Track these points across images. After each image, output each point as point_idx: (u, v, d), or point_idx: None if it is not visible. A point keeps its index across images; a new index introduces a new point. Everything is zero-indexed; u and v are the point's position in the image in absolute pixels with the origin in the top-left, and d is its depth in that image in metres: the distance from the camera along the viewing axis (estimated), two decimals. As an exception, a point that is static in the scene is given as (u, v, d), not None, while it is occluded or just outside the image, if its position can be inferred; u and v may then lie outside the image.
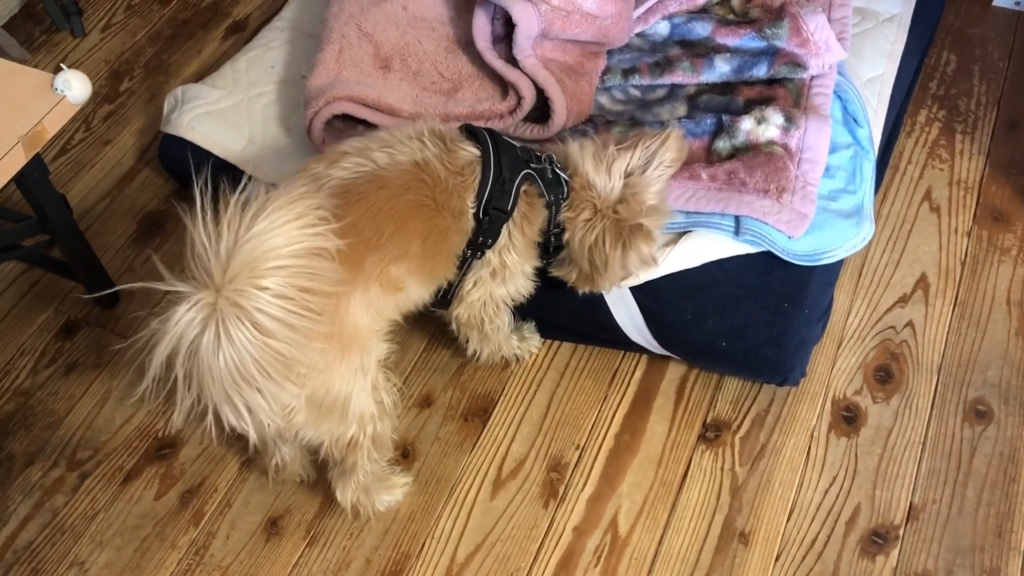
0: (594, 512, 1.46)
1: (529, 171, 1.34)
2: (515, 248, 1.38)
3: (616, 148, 1.38)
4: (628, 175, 1.37)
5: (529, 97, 1.65)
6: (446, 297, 1.42)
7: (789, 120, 1.65)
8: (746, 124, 1.65)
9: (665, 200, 1.44)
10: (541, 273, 1.48)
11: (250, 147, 1.75)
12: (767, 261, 1.57)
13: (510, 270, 1.40)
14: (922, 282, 1.71)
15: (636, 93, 1.78)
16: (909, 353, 1.62)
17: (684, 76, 1.76)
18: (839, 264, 1.62)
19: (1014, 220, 1.79)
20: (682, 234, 1.61)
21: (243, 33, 2.14)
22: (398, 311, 1.32)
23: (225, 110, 1.79)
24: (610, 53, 1.80)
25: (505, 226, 1.35)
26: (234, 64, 1.88)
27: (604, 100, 1.77)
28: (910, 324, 1.65)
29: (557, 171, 1.37)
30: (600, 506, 1.47)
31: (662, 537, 1.44)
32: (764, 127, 1.65)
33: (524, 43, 1.62)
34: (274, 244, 1.01)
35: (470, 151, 1.32)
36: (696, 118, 1.70)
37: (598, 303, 1.56)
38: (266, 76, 1.85)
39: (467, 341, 1.51)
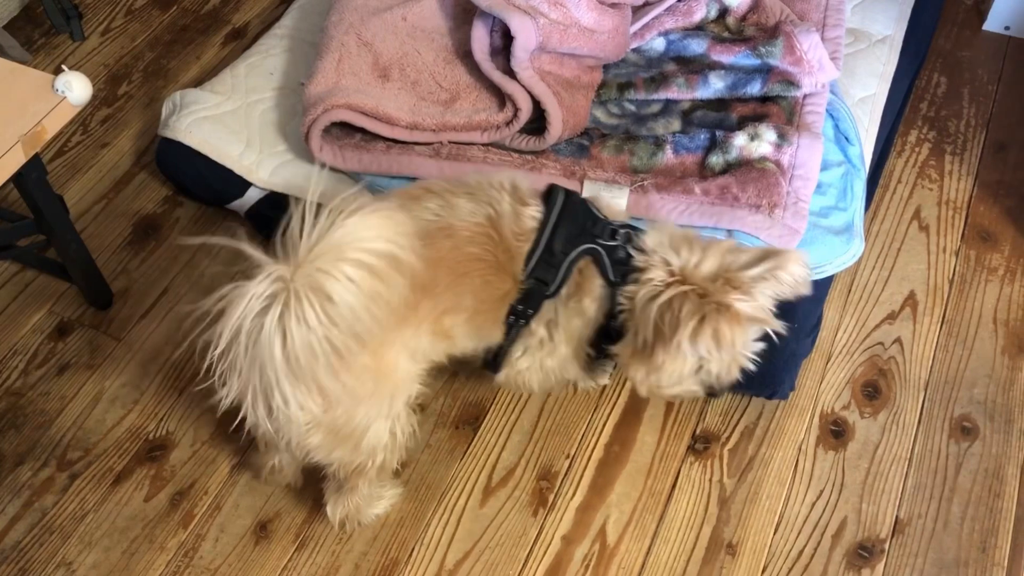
0: (583, 521, 1.47)
1: (593, 246, 1.25)
2: (561, 324, 1.30)
3: (722, 243, 1.26)
4: (729, 269, 1.22)
5: (526, 109, 1.67)
6: (496, 359, 1.36)
7: (782, 137, 1.67)
8: (739, 140, 1.68)
9: (767, 312, 1.24)
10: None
11: (248, 152, 1.76)
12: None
13: (556, 345, 1.33)
14: (910, 300, 1.73)
15: (631, 107, 1.80)
16: (897, 369, 1.64)
17: (679, 92, 1.78)
18: (829, 280, 1.64)
19: (1001, 240, 1.81)
20: (674, 247, 1.63)
21: (242, 40, 2.15)
22: (443, 356, 1.31)
23: (223, 115, 1.80)
24: (606, 68, 1.83)
25: (553, 300, 1.28)
26: (233, 70, 1.89)
27: (599, 114, 1.79)
28: (898, 341, 1.67)
29: (631, 250, 1.25)
30: (589, 515, 1.48)
31: (650, 547, 1.45)
32: (757, 143, 1.67)
33: (522, 55, 1.64)
34: (362, 236, 1.03)
35: (534, 215, 1.26)
36: (690, 133, 1.73)
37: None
38: (265, 82, 1.87)
39: None
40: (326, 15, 1.84)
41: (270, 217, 1.73)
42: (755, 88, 1.76)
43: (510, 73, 1.67)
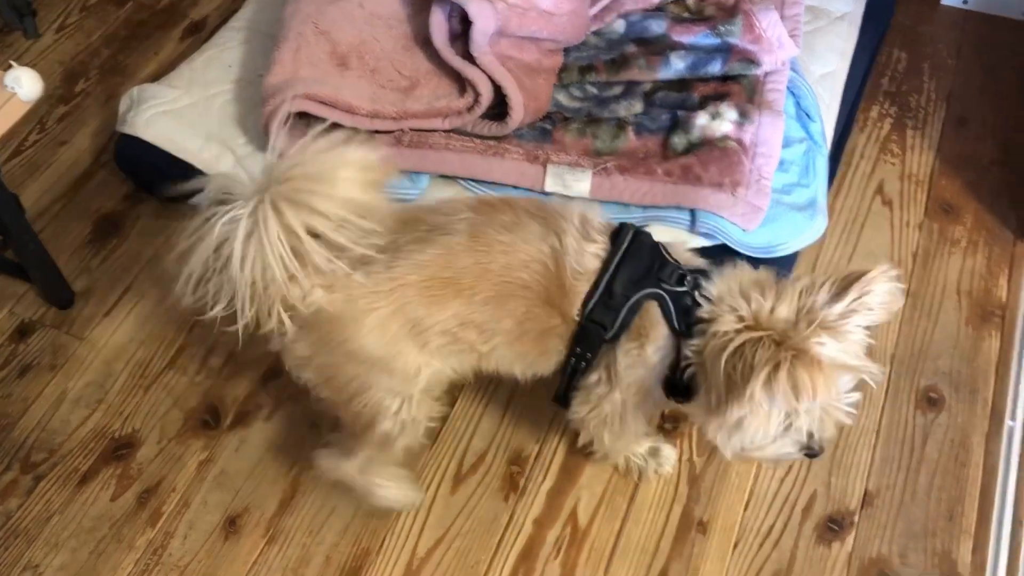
0: (554, 504, 1.47)
1: (657, 291, 1.17)
2: (620, 370, 1.21)
3: (797, 279, 1.13)
4: (810, 310, 1.08)
5: (486, 94, 1.66)
6: (565, 396, 1.29)
7: (743, 115, 1.67)
8: (701, 119, 1.68)
9: (858, 356, 1.10)
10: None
11: (207, 146, 1.74)
12: (722, 254, 1.59)
13: (613, 391, 1.25)
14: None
15: (593, 90, 1.80)
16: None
17: (640, 73, 1.77)
18: (793, 257, 1.65)
19: (963, 213, 1.83)
20: (639, 228, 1.63)
21: (201, 34, 2.13)
22: (466, 366, 1.28)
23: (182, 110, 1.78)
24: (567, 51, 1.82)
25: (615, 346, 1.20)
26: (191, 64, 1.87)
27: (561, 97, 1.78)
28: (863, 315, 1.68)
29: (699, 298, 1.15)
30: (560, 498, 1.48)
31: (621, 528, 1.45)
32: (719, 122, 1.67)
33: (481, 40, 1.63)
34: (341, 164, 1.07)
35: (598, 253, 1.19)
36: (652, 114, 1.72)
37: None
38: (223, 75, 1.85)
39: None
40: (282, 5, 1.82)
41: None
42: (716, 67, 1.76)
43: (470, 59, 1.66)
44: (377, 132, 1.67)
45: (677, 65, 1.77)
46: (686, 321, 1.15)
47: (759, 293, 1.11)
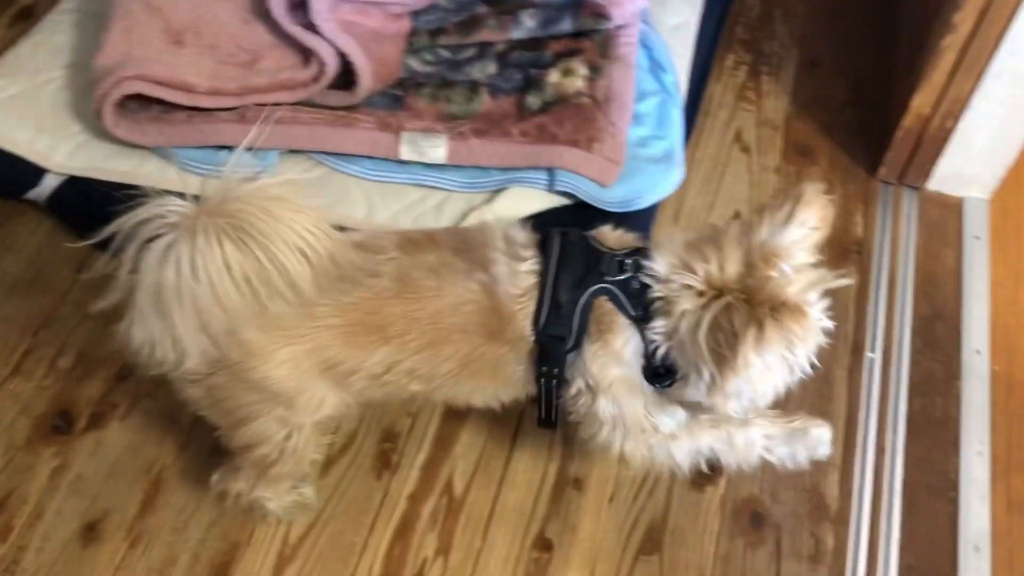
0: (429, 477, 1.45)
1: (603, 286, 1.13)
2: (595, 373, 1.15)
3: (729, 224, 1.11)
4: (759, 250, 1.05)
5: (332, 63, 1.60)
6: (548, 417, 1.22)
7: (594, 70, 1.66)
8: (553, 77, 1.66)
9: (819, 275, 1.06)
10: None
11: (40, 137, 1.65)
12: (582, 211, 1.58)
13: (596, 395, 1.17)
14: (736, 220, 1.75)
15: (446, 54, 1.76)
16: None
17: (492, 34, 1.74)
18: (654, 209, 1.65)
19: (818, 154, 1.86)
20: (497, 192, 1.61)
21: (32, 20, 1.99)
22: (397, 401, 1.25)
23: (8, 100, 1.68)
24: (416, 14, 1.77)
25: (576, 353, 1.15)
26: (16, 51, 1.76)
27: (413, 63, 1.74)
28: (727, 261, 1.70)
29: (645, 280, 1.11)
30: (434, 471, 1.45)
31: (498, 493, 1.43)
32: (571, 79, 1.66)
33: (320, 7, 1.57)
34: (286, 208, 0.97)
35: (532, 270, 1.14)
36: (506, 75, 1.70)
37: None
38: (53, 61, 1.74)
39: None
40: (111, -17, 1.72)
41: (76, 205, 1.63)
42: (567, 24, 1.74)
43: (311, 27, 1.61)
44: (220, 110, 1.60)
45: (528, 23, 1.74)
46: (641, 305, 1.11)
47: (700, 257, 1.07)
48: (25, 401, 1.49)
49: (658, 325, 1.09)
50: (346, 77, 1.63)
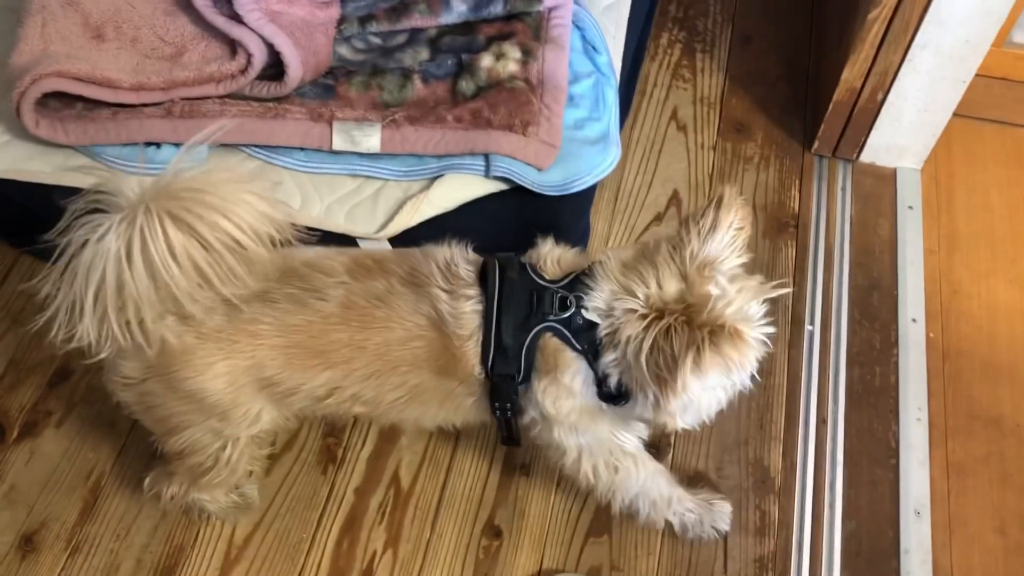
0: (375, 469, 1.44)
1: (547, 325, 1.11)
2: (549, 409, 1.15)
3: (659, 241, 1.10)
4: (691, 261, 1.06)
5: (259, 54, 1.56)
6: (510, 437, 1.22)
7: (527, 53, 1.65)
8: (485, 62, 1.64)
9: (756, 288, 1.08)
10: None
11: (-44, 140, 1.59)
12: (520, 196, 1.57)
13: (551, 425, 1.18)
14: (675, 199, 1.77)
15: (377, 40, 1.73)
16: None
17: (422, 19, 1.72)
18: (592, 191, 1.65)
19: (754, 130, 1.88)
20: (433, 180, 1.59)
21: (-53, 16, 1.92)
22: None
23: (-78, 102, 1.61)
24: (345, 1, 1.74)
25: (530, 386, 1.15)
26: (-71, 50, 1.69)
27: (344, 51, 1.71)
28: (666, 240, 1.71)
29: (590, 317, 1.10)
30: (381, 463, 1.45)
31: (445, 481, 1.43)
32: (503, 63, 1.64)
33: (244, -3, 1.53)
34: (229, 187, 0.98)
35: (474, 308, 1.12)
36: (438, 61, 1.68)
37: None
38: (-32, 60, 1.68)
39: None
40: (25, -23, 1.66)
41: (-1, 207, 1.58)
42: (498, 7, 1.72)
43: (236, 18, 1.57)
44: (145, 105, 1.56)
45: (459, 7, 1.72)
46: (587, 340, 1.10)
47: (639, 278, 1.07)
48: (-47, 414, 1.45)
49: (608, 358, 1.09)
50: (275, 68, 1.60)
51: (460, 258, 1.17)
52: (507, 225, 1.57)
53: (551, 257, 1.18)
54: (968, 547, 1.42)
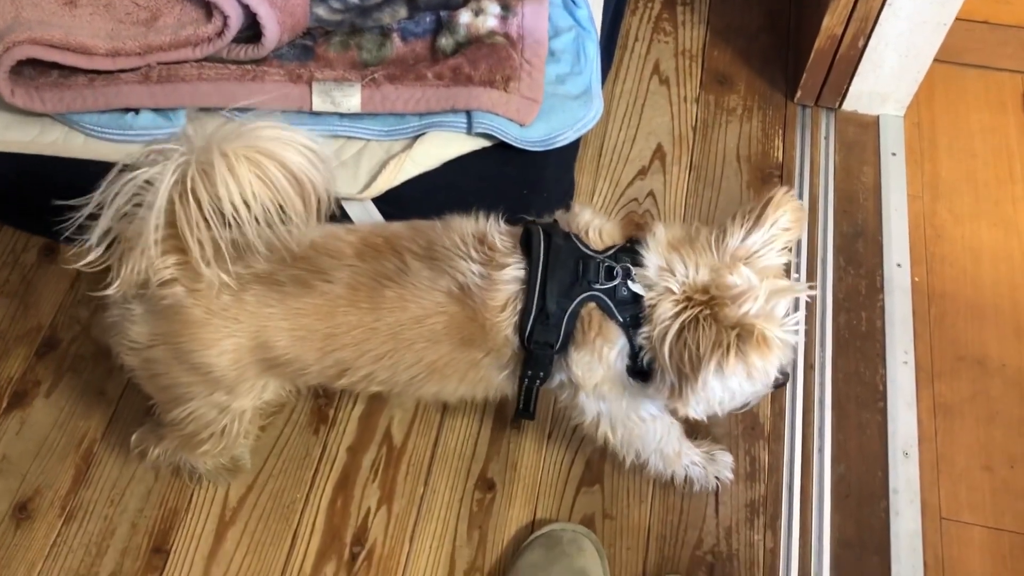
0: (367, 428, 1.44)
1: (592, 294, 1.10)
2: (581, 376, 1.14)
3: (707, 228, 1.10)
4: (722, 251, 1.06)
5: (235, 16, 1.54)
6: (527, 409, 1.20)
7: (506, 8, 1.63)
8: (464, 17, 1.63)
9: (787, 286, 1.07)
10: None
11: (-68, 112, 1.57)
12: (503, 152, 1.56)
13: (577, 390, 1.17)
14: (659, 152, 1.76)
15: (354, 0, 1.72)
16: (652, 220, 1.67)
17: (400, -23, 1.71)
18: (575, 146, 1.64)
19: (736, 81, 1.87)
20: (416, 138, 1.58)
21: (-84, -11, 1.89)
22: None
23: None
24: (320, -38, 1.72)
25: (566, 355, 1.13)
26: (-100, 22, 1.66)
27: (321, 11, 1.69)
28: (651, 194, 1.71)
29: (635, 289, 1.09)
30: (372, 421, 1.45)
31: (437, 438, 1.44)
32: (482, 18, 1.63)
33: (217, -43, 1.52)
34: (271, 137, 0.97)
35: (516, 277, 1.10)
36: (416, 18, 1.66)
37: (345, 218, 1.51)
38: (-60, 31, 1.65)
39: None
40: (-6, -56, 1.63)
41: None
42: (476, -38, 1.70)
43: (211, -20, 1.55)
44: (122, 71, 1.54)
45: (436, -36, 1.70)
46: (630, 312, 1.09)
47: (680, 260, 1.07)
48: (-58, 385, 1.45)
49: (644, 331, 1.09)
50: (252, 30, 1.58)
51: (493, 230, 1.15)
52: (491, 182, 1.56)
53: (593, 227, 1.16)
54: (955, 485, 1.44)
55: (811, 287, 1.11)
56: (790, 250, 1.10)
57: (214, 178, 0.95)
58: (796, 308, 1.10)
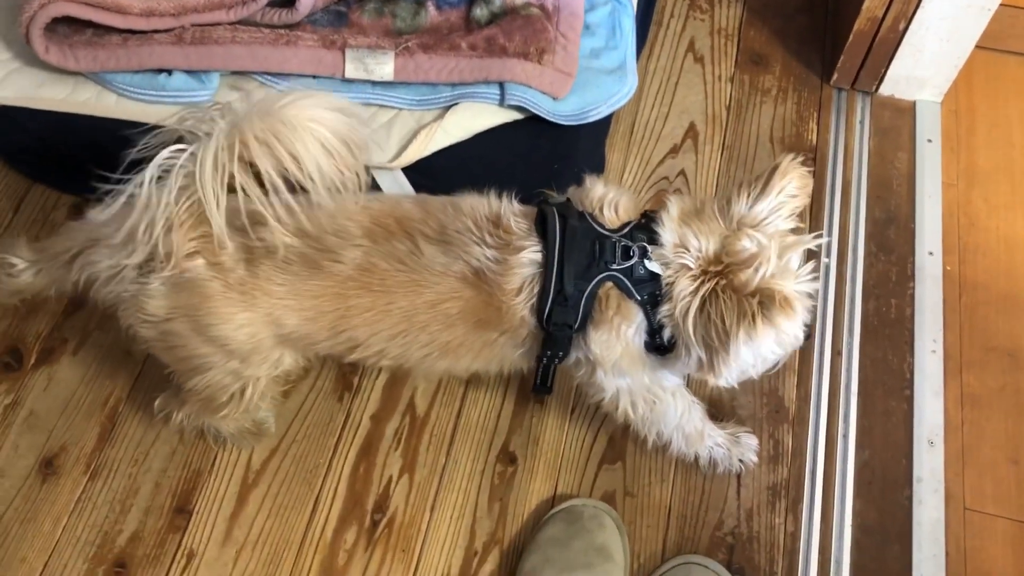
0: (391, 397, 1.44)
1: (609, 274, 1.10)
2: (600, 354, 1.14)
3: (704, 199, 1.11)
4: (730, 220, 1.07)
5: (270, -21, 1.54)
6: (544, 384, 1.21)
7: (542, -21, 1.62)
8: (500, -12, 1.61)
9: (796, 240, 1.07)
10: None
11: (-34, 67, 1.57)
12: (535, 125, 1.55)
13: (595, 367, 1.17)
14: (691, 131, 1.74)
15: (389, -33, 1.70)
16: (666, 194, 1.65)
17: (435, -55, 1.69)
18: (607, 122, 1.63)
19: (772, 62, 1.85)
20: (447, 108, 1.57)
21: (-49, -56, 1.89)
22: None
23: (-70, 28, 1.59)
24: (357, -73, 1.71)
25: (584, 334, 1.13)
26: (-65, -24, 1.67)
27: (356, -22, 1.68)
28: (682, 172, 1.69)
29: (652, 268, 1.09)
30: (396, 391, 1.45)
31: (460, 410, 1.44)
32: (518, -11, 1.61)
33: (254, -81, 1.50)
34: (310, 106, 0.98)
35: (530, 259, 1.09)
36: (451, -13, 1.65)
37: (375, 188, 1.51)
38: (-24, -14, 1.65)
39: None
40: (31, -101, 1.63)
41: (10, 136, 1.57)
42: (513, -67, 1.68)
43: (246, -58, 1.54)
44: (155, 32, 1.54)
45: (473, -67, 1.68)
46: (648, 290, 1.09)
47: (692, 233, 1.07)
48: (-32, 342, 1.46)
49: (664, 309, 1.09)
50: (286, -7, 1.57)
51: (508, 211, 1.14)
52: (522, 155, 1.55)
53: (607, 202, 1.15)
54: (981, 477, 1.43)
55: (818, 235, 1.11)
56: (798, 216, 1.10)
57: (275, 146, 0.95)
58: (817, 273, 1.09)
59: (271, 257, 1.07)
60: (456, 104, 1.56)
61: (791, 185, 1.07)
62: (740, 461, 1.39)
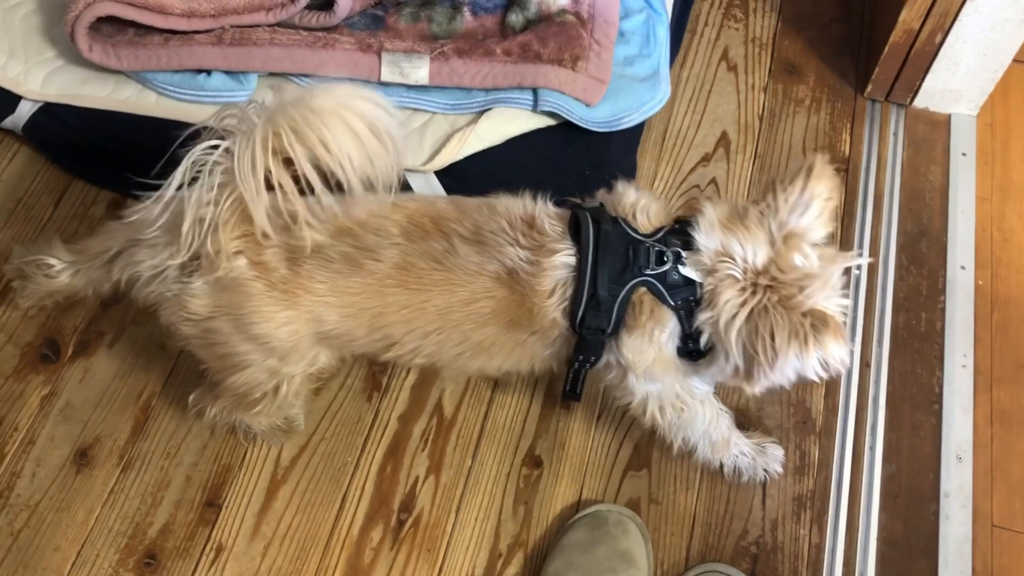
0: (419, 399, 1.46)
1: (643, 279, 1.10)
2: (631, 360, 1.14)
3: (743, 206, 1.10)
4: (773, 229, 1.06)
5: (309, -17, 1.56)
6: (573, 390, 1.22)
7: (578, -13, 1.63)
8: (536, -6, 1.63)
9: (839, 259, 1.09)
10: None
11: (12, 63, 1.61)
12: (567, 131, 1.57)
13: (626, 371, 1.17)
14: (723, 140, 1.74)
15: (426, -28, 1.72)
16: (699, 200, 1.65)
17: (473, -49, 1.70)
18: (639, 129, 1.64)
19: (806, 72, 1.84)
20: (481, 113, 1.58)
21: (-1, -57, 1.93)
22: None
23: (-23, 25, 1.63)
24: (395, -68, 1.72)
25: (616, 338, 1.13)
26: (-16, -26, 1.70)
27: (393, -18, 1.70)
28: (713, 181, 1.69)
29: (688, 273, 1.09)
30: (424, 392, 1.46)
31: (487, 413, 1.45)
32: (554, -4, 1.62)
33: (295, -77, 1.53)
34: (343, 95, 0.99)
35: (564, 262, 1.10)
36: (487, -8, 1.66)
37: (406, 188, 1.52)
38: (22, -16, 1.69)
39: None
40: (78, -99, 1.66)
41: (53, 132, 1.60)
42: (549, -60, 1.69)
43: (287, -54, 1.56)
44: (196, 32, 1.56)
45: (510, -61, 1.69)
46: (682, 296, 1.09)
47: (737, 242, 1.06)
48: (12, 330, 1.48)
49: (704, 316, 1.09)
50: (325, -4, 1.60)
51: (542, 213, 1.14)
52: (554, 160, 1.56)
53: (640, 207, 1.16)
54: (1010, 494, 1.42)
55: (859, 253, 1.12)
56: (833, 219, 1.10)
57: (305, 133, 0.96)
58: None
59: (314, 256, 1.08)
60: (489, 109, 1.58)
61: (824, 188, 1.07)
62: (765, 471, 1.39)
